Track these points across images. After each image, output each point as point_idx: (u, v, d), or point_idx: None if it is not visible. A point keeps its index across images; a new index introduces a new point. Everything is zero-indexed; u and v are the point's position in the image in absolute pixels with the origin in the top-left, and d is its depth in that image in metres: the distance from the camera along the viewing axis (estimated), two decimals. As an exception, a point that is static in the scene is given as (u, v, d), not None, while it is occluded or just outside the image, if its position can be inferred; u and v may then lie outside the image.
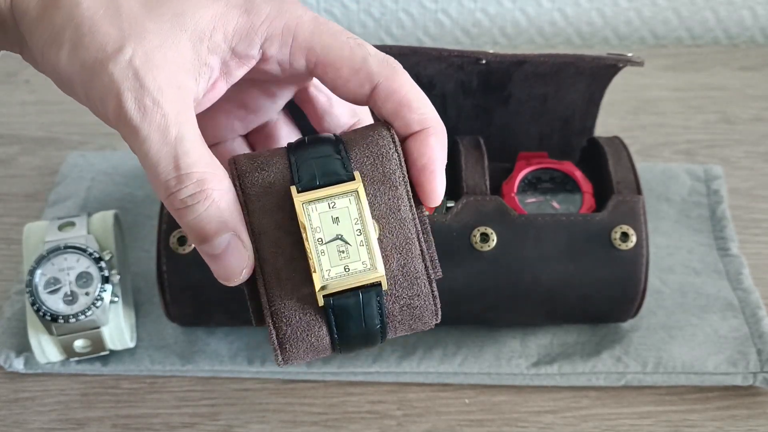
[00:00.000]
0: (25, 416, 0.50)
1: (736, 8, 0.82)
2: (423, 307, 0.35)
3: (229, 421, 0.50)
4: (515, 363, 0.52)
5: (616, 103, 0.71)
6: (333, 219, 0.34)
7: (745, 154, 0.68)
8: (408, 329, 0.36)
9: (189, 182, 0.32)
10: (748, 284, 0.56)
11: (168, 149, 0.32)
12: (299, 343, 0.34)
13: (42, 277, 0.49)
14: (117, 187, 0.63)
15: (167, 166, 0.32)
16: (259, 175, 0.34)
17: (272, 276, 0.34)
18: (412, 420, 0.50)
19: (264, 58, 0.35)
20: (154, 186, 0.33)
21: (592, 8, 0.82)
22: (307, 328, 0.34)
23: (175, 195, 0.32)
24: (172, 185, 0.32)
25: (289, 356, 0.34)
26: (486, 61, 0.50)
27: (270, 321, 0.34)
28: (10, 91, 0.75)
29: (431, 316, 0.35)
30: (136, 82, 0.32)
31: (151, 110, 0.32)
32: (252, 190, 0.34)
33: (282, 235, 0.34)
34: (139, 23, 0.33)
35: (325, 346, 0.35)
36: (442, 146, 0.35)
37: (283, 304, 0.34)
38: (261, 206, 0.34)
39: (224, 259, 0.33)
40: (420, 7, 0.82)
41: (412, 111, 0.35)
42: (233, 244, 0.33)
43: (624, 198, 0.50)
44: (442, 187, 0.35)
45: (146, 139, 0.32)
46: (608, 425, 0.50)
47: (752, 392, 0.51)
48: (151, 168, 0.32)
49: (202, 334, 0.53)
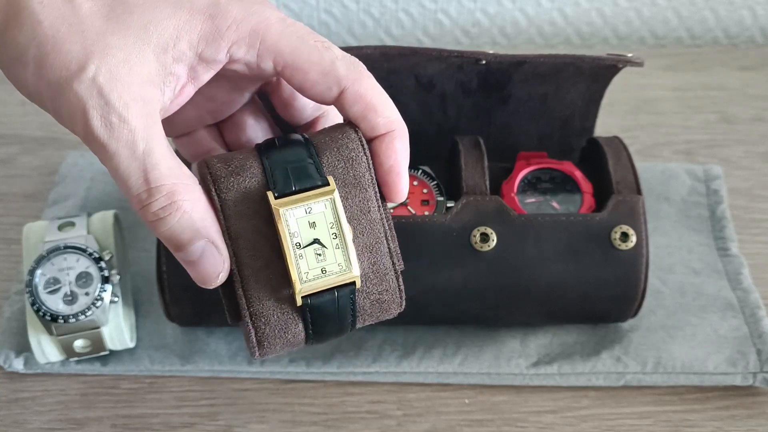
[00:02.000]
0: (25, 416, 0.50)
1: (735, 8, 0.82)
2: (391, 300, 0.37)
3: (229, 421, 0.50)
4: (515, 363, 0.52)
5: (616, 103, 0.71)
6: (310, 224, 0.35)
7: (744, 154, 0.68)
8: (375, 320, 0.38)
9: (159, 195, 0.33)
10: (748, 284, 0.56)
11: (137, 164, 0.33)
12: (276, 340, 0.36)
13: (42, 277, 0.49)
14: (117, 187, 0.63)
15: (137, 180, 0.33)
16: (234, 180, 0.35)
17: (250, 278, 0.35)
18: (412, 420, 0.50)
19: (231, 61, 0.35)
20: (127, 197, 0.34)
21: (591, 8, 0.82)
22: (285, 326, 0.35)
23: (147, 208, 0.33)
24: (144, 198, 0.33)
25: (266, 351, 0.36)
26: (486, 61, 0.50)
27: (249, 321, 0.35)
28: (10, 91, 0.75)
29: (397, 307, 0.38)
30: (101, 100, 0.32)
31: (118, 127, 0.33)
32: (228, 195, 0.35)
33: (259, 239, 0.35)
34: (102, 39, 0.33)
35: (299, 340, 0.36)
36: (406, 148, 0.37)
37: (261, 305, 0.35)
38: (237, 211, 0.35)
39: (200, 265, 0.35)
40: (420, 7, 0.82)
41: (378, 115, 0.36)
42: (208, 250, 0.34)
43: (624, 198, 0.50)
44: (407, 186, 0.38)
45: (115, 155, 0.33)
46: (608, 425, 0.50)
47: (752, 392, 0.51)
48: (122, 182, 0.33)
49: (202, 334, 0.53)
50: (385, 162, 0.37)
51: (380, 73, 0.51)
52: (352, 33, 0.83)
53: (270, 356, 0.37)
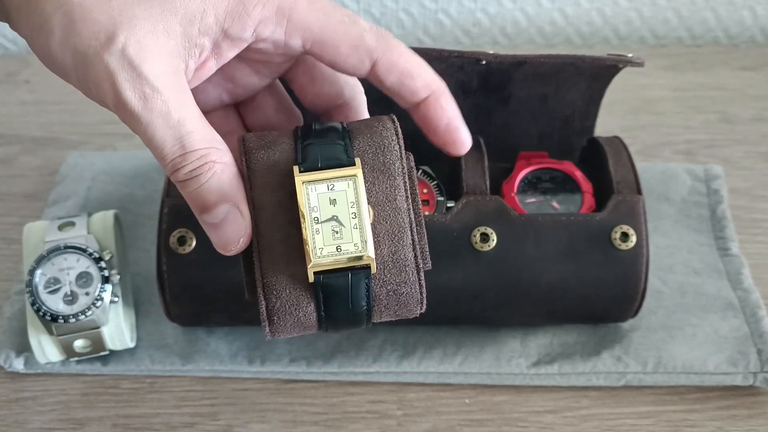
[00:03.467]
0: (25, 416, 0.50)
1: (736, 8, 0.82)
2: (409, 294, 0.36)
3: (229, 421, 0.50)
4: (515, 363, 0.52)
5: (616, 103, 0.71)
6: (330, 200, 0.35)
7: (745, 154, 0.68)
8: (393, 315, 0.37)
9: (193, 158, 0.34)
10: (748, 284, 0.56)
11: (172, 132, 0.33)
12: (287, 317, 0.35)
13: (42, 277, 0.49)
14: (117, 187, 0.63)
15: (172, 147, 0.34)
16: (265, 153, 0.36)
17: (267, 250, 0.35)
18: (412, 420, 0.50)
19: (258, 39, 0.36)
20: (161, 164, 0.34)
21: (592, 8, 0.82)
22: (296, 302, 0.35)
23: (180, 170, 0.34)
24: (178, 162, 0.34)
25: (276, 329, 0.36)
26: (486, 61, 0.50)
27: (261, 292, 0.35)
28: (10, 91, 0.75)
29: (416, 305, 0.37)
30: (133, 72, 0.33)
31: (151, 98, 0.33)
32: (257, 166, 0.36)
33: (280, 212, 0.35)
34: (129, 9, 0.33)
35: (312, 322, 0.36)
36: (453, 103, 0.38)
37: (274, 278, 0.35)
38: (263, 182, 0.36)
39: (222, 228, 0.35)
40: (420, 7, 0.82)
41: (415, 79, 0.37)
42: (232, 214, 0.35)
43: (624, 198, 0.50)
44: (468, 135, 0.39)
45: (149, 125, 0.33)
46: (608, 425, 0.50)
47: (752, 392, 0.51)
48: (157, 150, 0.34)
49: (202, 334, 0.53)
50: (439, 123, 0.38)
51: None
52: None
53: (282, 336, 0.36)
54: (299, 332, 0.36)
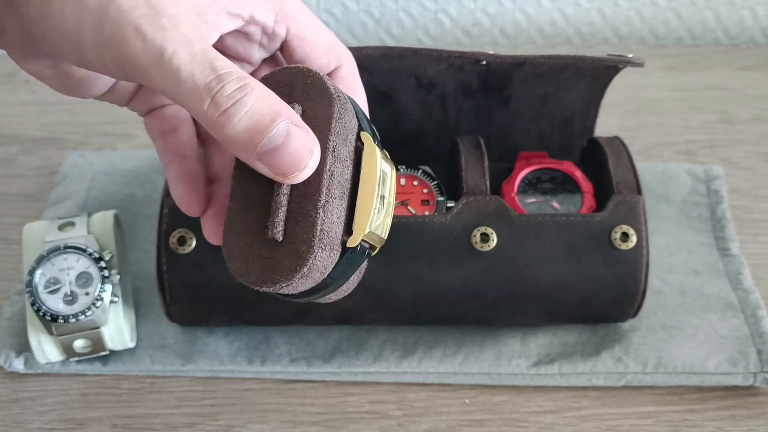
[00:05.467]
0: (25, 416, 0.50)
1: (736, 8, 0.82)
2: (357, 280, 0.40)
3: (229, 421, 0.50)
4: (515, 363, 0.52)
5: (616, 103, 0.71)
6: (383, 180, 0.36)
7: (745, 154, 0.68)
8: (331, 298, 0.38)
9: (231, 78, 0.31)
10: (748, 284, 0.56)
11: (200, 57, 0.31)
12: (314, 274, 0.34)
13: (42, 277, 0.49)
14: (117, 187, 0.63)
15: (204, 70, 0.31)
16: (347, 105, 0.36)
17: (333, 201, 0.34)
18: (412, 420, 0.50)
19: (251, 21, 0.37)
20: (193, 101, 0.32)
21: (592, 8, 0.82)
22: (329, 258, 0.35)
23: (219, 93, 0.31)
24: (214, 85, 0.31)
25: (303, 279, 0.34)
26: (486, 61, 0.50)
27: (317, 242, 0.33)
28: (10, 91, 0.75)
29: (344, 293, 0.39)
30: (149, 8, 0.32)
31: (171, 29, 0.32)
32: (344, 115, 0.35)
33: (344, 169, 0.35)
34: None
35: (312, 283, 0.35)
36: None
37: (330, 232, 0.34)
38: (343, 132, 0.35)
39: (289, 146, 0.32)
40: (420, 7, 0.82)
41: (357, 99, 0.40)
42: (293, 129, 0.32)
43: (624, 198, 0.50)
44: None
45: (175, 54, 0.31)
46: (608, 425, 0.50)
47: (752, 392, 0.51)
48: (187, 80, 0.31)
49: (202, 334, 0.53)
50: None
51: (381, 74, 0.51)
52: (353, 33, 0.83)
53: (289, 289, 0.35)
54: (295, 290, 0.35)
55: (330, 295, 0.38)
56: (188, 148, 0.40)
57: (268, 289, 0.35)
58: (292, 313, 0.51)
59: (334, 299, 0.39)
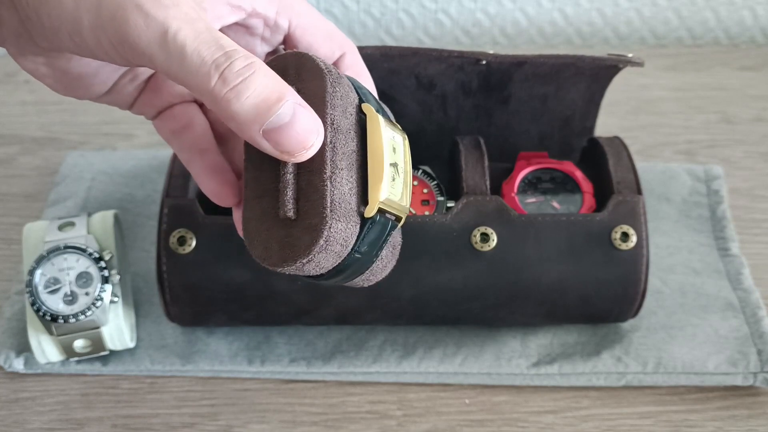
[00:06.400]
0: (25, 416, 0.50)
1: (736, 8, 0.82)
2: (395, 256, 0.39)
3: (229, 421, 0.50)
4: (515, 363, 0.52)
5: (616, 103, 0.71)
6: (394, 149, 0.36)
7: (745, 154, 0.68)
8: (371, 277, 0.38)
9: (238, 55, 0.31)
10: (749, 284, 0.56)
11: (205, 34, 0.31)
12: (336, 245, 0.34)
13: (42, 277, 0.49)
14: (117, 187, 0.63)
15: (210, 47, 0.31)
16: (340, 79, 0.36)
17: (340, 172, 0.34)
18: (412, 420, 0.50)
19: (252, 13, 0.37)
20: (199, 78, 0.31)
21: (592, 8, 0.82)
22: (348, 231, 0.34)
23: (228, 69, 0.31)
24: (222, 62, 0.31)
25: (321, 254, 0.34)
26: (486, 61, 0.50)
27: (329, 213, 0.33)
28: (10, 91, 0.75)
29: (388, 271, 0.39)
30: None
31: (173, 7, 0.31)
32: (338, 88, 0.35)
33: (348, 141, 0.35)
34: None
35: (335, 259, 0.35)
36: None
37: (342, 202, 0.34)
38: (341, 104, 0.35)
39: (296, 125, 0.32)
40: (420, 7, 0.82)
41: (366, 83, 0.40)
42: (298, 108, 0.32)
43: (624, 198, 0.50)
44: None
45: (179, 31, 0.31)
46: (608, 425, 0.50)
47: (752, 392, 0.51)
48: (194, 56, 0.31)
49: (202, 334, 0.53)
50: None
51: (381, 73, 0.51)
52: (353, 33, 0.83)
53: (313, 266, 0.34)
54: (320, 268, 0.35)
55: (365, 275, 0.37)
56: (206, 141, 0.40)
57: (294, 270, 0.34)
58: (292, 313, 0.51)
59: (374, 280, 0.38)
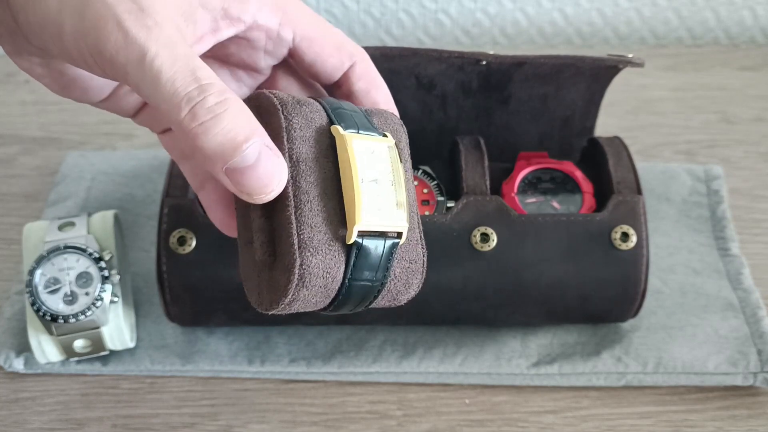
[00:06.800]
0: (25, 416, 0.50)
1: (736, 8, 0.82)
2: (415, 272, 0.37)
3: (229, 421, 0.50)
4: (515, 363, 0.52)
5: (616, 103, 0.71)
6: (372, 164, 0.35)
7: (745, 154, 0.68)
8: (392, 299, 0.36)
9: (213, 90, 0.31)
10: (749, 284, 0.56)
11: (183, 63, 0.31)
12: (318, 279, 0.33)
13: (42, 277, 0.49)
14: (117, 187, 0.63)
15: (185, 78, 0.31)
16: (300, 108, 0.35)
17: (306, 205, 0.34)
18: (412, 420, 0.50)
19: (254, 26, 0.36)
20: (170, 107, 0.31)
21: (592, 8, 0.82)
22: (330, 263, 0.34)
23: (200, 104, 0.31)
24: (195, 95, 0.31)
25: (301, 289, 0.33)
26: (486, 61, 0.50)
27: (297, 250, 0.33)
28: (10, 91, 0.75)
29: (417, 285, 0.37)
30: (134, 5, 0.31)
31: (155, 29, 0.31)
32: (294, 119, 0.35)
33: (318, 168, 0.34)
34: None
35: (331, 292, 0.34)
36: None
37: (313, 235, 0.33)
38: (302, 135, 0.35)
39: (259, 168, 0.32)
40: (420, 7, 0.82)
41: (380, 92, 0.40)
42: (265, 151, 0.32)
43: (624, 198, 0.50)
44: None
45: (157, 56, 0.30)
46: (608, 425, 0.50)
47: (752, 392, 0.51)
48: (168, 85, 0.31)
49: (202, 334, 0.53)
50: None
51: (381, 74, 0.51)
52: (353, 33, 0.83)
53: (295, 306, 0.34)
54: (309, 306, 0.34)
55: (385, 299, 0.36)
56: None
57: (285, 311, 0.34)
58: (292, 313, 0.51)
59: (402, 300, 0.37)
